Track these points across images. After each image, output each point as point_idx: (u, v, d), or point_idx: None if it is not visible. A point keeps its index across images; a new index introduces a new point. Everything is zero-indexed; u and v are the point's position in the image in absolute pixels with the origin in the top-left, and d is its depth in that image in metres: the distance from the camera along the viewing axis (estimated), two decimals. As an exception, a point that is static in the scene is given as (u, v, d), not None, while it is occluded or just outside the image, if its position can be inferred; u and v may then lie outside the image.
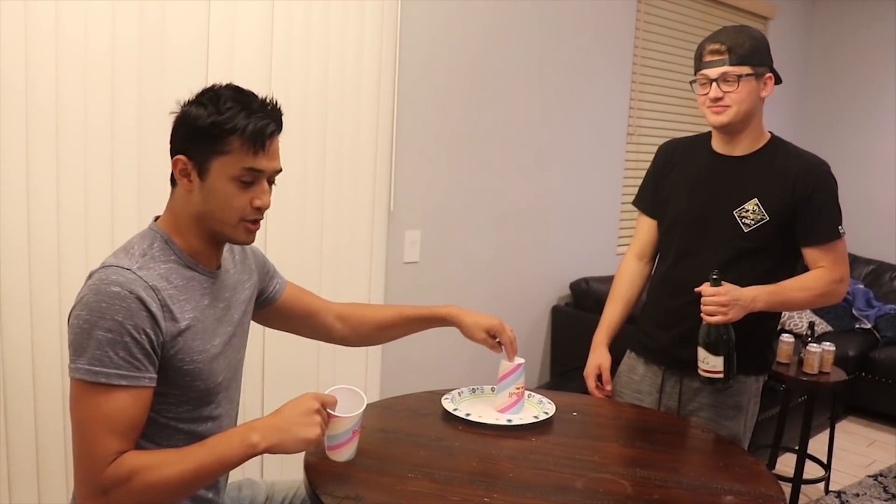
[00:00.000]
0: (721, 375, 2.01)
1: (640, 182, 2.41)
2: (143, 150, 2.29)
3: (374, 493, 1.54)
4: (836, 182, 2.08)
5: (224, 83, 1.46)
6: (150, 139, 2.29)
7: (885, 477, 3.74)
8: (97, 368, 1.30)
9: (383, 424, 1.93)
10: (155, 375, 1.38)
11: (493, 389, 2.03)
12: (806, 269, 2.13)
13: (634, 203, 2.39)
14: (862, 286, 5.11)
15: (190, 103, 1.43)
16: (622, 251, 4.29)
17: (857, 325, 4.77)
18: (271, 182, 1.49)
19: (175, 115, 1.44)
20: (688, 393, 2.20)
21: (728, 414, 2.16)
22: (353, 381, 2.51)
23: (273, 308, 1.81)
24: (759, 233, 2.07)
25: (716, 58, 2.01)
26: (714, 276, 1.97)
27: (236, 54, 2.45)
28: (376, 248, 2.94)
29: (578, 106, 3.89)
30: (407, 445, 1.76)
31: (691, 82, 2.12)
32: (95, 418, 1.30)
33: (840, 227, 2.06)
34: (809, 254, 2.08)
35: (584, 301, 3.85)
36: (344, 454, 1.50)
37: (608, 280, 3.93)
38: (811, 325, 3.57)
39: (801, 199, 2.04)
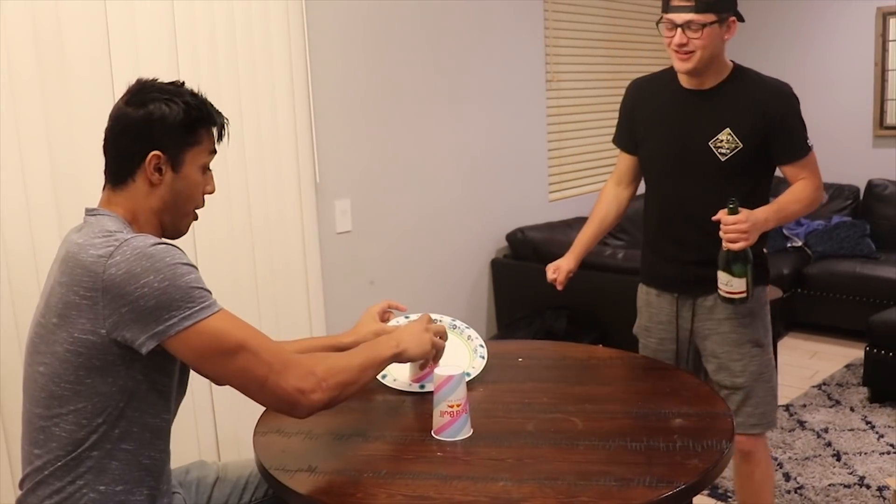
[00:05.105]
0: (744, 295, 2.06)
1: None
2: (54, 147, 2.24)
3: (328, 461, 1.52)
4: (798, 101, 2.18)
5: (158, 80, 1.49)
6: (59, 138, 2.24)
7: (829, 385, 3.87)
8: (211, 300, 1.36)
9: (331, 395, 1.91)
10: None
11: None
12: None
13: (613, 141, 2.48)
14: (789, 206, 5.23)
15: (150, 101, 1.43)
16: (554, 198, 4.31)
17: (789, 244, 4.90)
18: None
19: (125, 115, 1.43)
20: (702, 312, 2.26)
21: (745, 322, 2.23)
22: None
23: None
24: (736, 160, 2.14)
25: (683, 3, 2.03)
26: (731, 205, 1.99)
27: (140, 45, 2.39)
28: (307, 221, 2.89)
29: (492, 57, 3.85)
30: (355, 412, 1.74)
31: (657, 22, 2.13)
32: (251, 330, 1.40)
33: (809, 141, 2.18)
34: (789, 170, 2.20)
35: (521, 251, 3.86)
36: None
37: (544, 228, 3.98)
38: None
39: (773, 124, 2.13)
